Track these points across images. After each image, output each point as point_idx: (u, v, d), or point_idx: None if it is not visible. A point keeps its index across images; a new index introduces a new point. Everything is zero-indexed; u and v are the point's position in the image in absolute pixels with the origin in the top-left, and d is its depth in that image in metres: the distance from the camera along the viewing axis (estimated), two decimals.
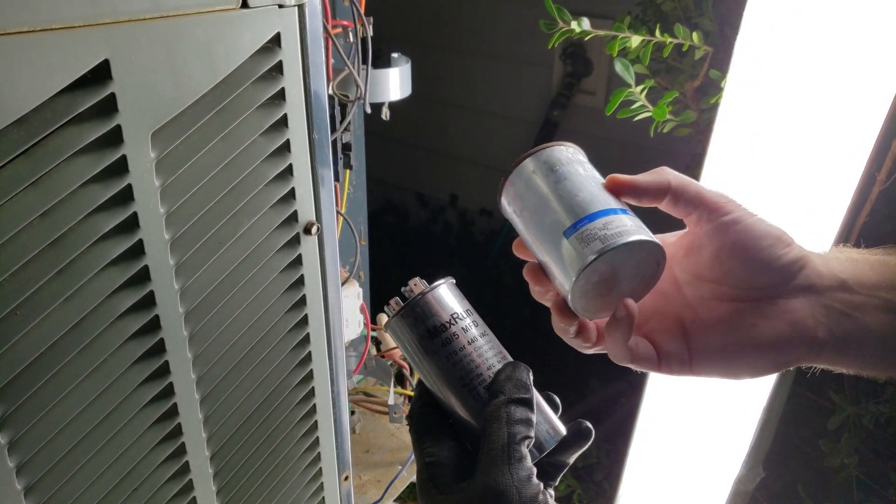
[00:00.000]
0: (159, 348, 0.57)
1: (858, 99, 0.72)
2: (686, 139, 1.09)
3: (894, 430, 0.92)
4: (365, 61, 0.84)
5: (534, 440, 0.45)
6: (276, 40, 0.57)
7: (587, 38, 0.92)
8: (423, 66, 0.98)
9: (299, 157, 0.63)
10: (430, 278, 0.52)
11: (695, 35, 0.93)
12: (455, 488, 0.44)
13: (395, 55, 0.96)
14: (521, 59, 2.34)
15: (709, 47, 0.94)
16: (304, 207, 0.65)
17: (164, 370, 0.58)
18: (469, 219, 2.73)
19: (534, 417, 0.45)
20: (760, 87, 0.81)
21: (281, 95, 0.59)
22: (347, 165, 0.90)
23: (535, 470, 0.43)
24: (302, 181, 0.64)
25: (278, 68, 0.58)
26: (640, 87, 0.92)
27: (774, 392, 0.97)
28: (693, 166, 1.32)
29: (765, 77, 0.80)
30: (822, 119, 0.76)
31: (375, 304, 1.23)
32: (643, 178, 0.46)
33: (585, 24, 0.93)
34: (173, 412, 0.61)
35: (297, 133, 0.62)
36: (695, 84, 1.00)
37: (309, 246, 0.67)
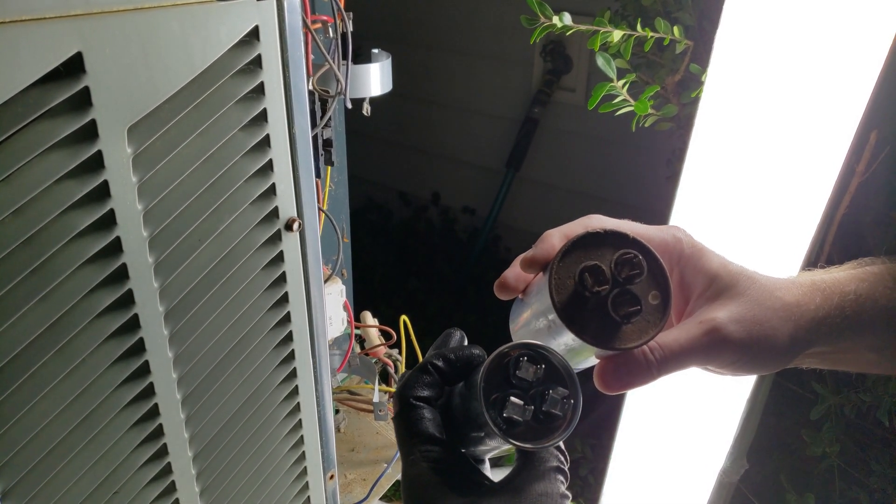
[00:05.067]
0: (139, 348, 0.56)
1: (838, 91, 0.72)
2: (666, 134, 1.10)
3: (875, 418, 0.93)
4: (345, 56, 0.84)
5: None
6: (254, 34, 0.56)
7: (568, 34, 0.92)
8: (404, 64, 0.97)
9: (279, 152, 0.62)
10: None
11: (675, 29, 0.93)
12: (475, 491, 0.41)
13: (375, 51, 0.95)
14: (502, 56, 2.34)
15: (689, 41, 0.94)
16: (285, 203, 0.65)
17: (145, 370, 0.57)
18: (452, 216, 2.73)
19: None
20: (741, 81, 0.81)
21: (260, 90, 0.58)
22: (329, 162, 0.89)
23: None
24: (282, 177, 0.63)
25: (257, 62, 0.57)
26: (621, 82, 0.92)
27: (757, 384, 0.98)
28: (674, 161, 1.33)
29: (745, 70, 0.80)
30: (802, 111, 0.76)
31: (359, 302, 1.22)
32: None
33: (567, 19, 0.93)
34: (154, 413, 0.59)
35: (277, 128, 0.61)
36: (675, 78, 1.01)
37: (290, 242, 0.66)
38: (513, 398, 0.39)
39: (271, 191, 0.63)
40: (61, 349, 0.51)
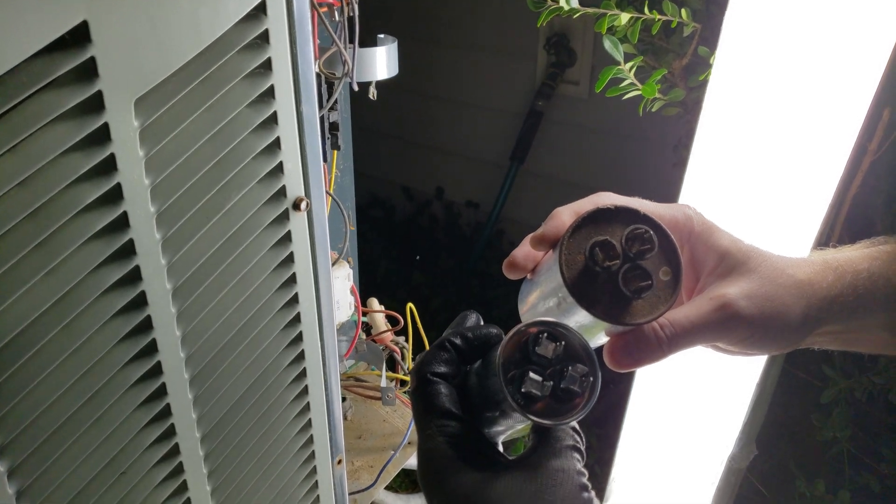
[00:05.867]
0: (146, 326, 0.56)
1: (850, 69, 0.72)
2: (671, 124, 1.09)
3: (886, 402, 0.92)
4: (352, 40, 0.83)
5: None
6: (261, 7, 0.55)
7: (576, 16, 0.91)
8: (407, 58, 0.96)
9: (287, 130, 0.61)
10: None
11: (683, 12, 0.92)
12: (491, 467, 0.40)
13: (381, 36, 0.94)
14: (505, 50, 2.33)
15: (697, 24, 0.94)
16: (293, 182, 0.64)
17: (152, 348, 0.57)
18: (455, 211, 2.72)
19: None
20: (750, 62, 0.81)
21: (267, 65, 0.58)
22: (335, 146, 0.88)
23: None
24: (290, 155, 0.63)
25: (264, 37, 0.57)
26: (628, 65, 0.91)
27: (766, 370, 0.97)
28: (681, 148, 1.32)
29: (754, 52, 0.80)
30: (813, 91, 0.75)
31: (363, 296, 1.21)
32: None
33: (574, 1, 0.92)
34: (162, 392, 0.59)
35: (285, 105, 0.61)
36: (683, 62, 1.00)
37: (298, 222, 0.66)
38: (531, 374, 0.39)
39: (279, 169, 0.62)
40: (68, 325, 0.51)
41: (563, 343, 0.40)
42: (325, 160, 0.87)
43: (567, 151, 2.34)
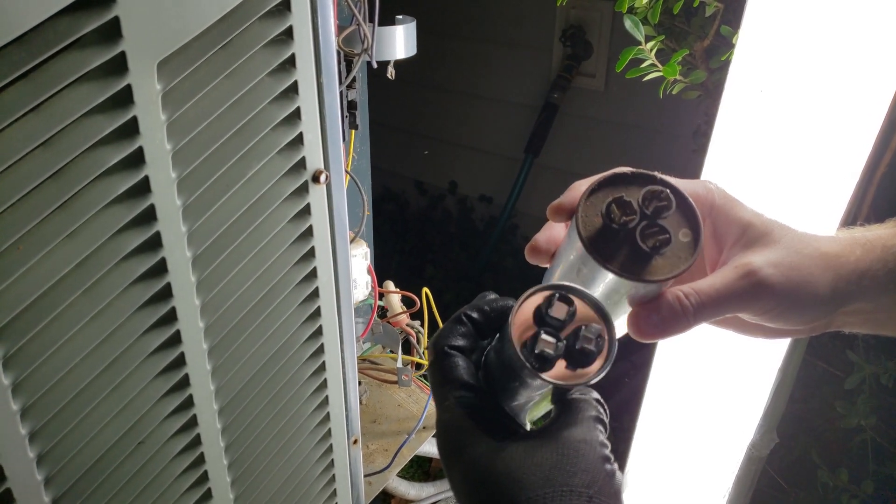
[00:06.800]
0: (166, 293, 0.55)
1: (877, 46, 0.70)
2: (688, 113, 1.08)
3: None
4: (371, 18, 0.83)
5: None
6: None
7: None
8: (421, 51, 0.96)
9: (307, 100, 0.61)
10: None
11: None
12: (510, 437, 0.40)
13: (399, 17, 0.94)
14: (521, 42, 2.32)
15: (719, 3, 0.92)
16: (313, 154, 0.63)
17: (171, 317, 0.56)
18: (469, 205, 2.71)
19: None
20: (774, 41, 0.79)
21: (289, 33, 0.57)
22: (353, 125, 0.88)
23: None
24: (310, 126, 0.62)
25: (286, 4, 0.56)
26: (649, 45, 0.90)
27: (787, 357, 0.95)
28: (700, 134, 1.31)
29: (778, 30, 0.78)
30: (839, 69, 0.74)
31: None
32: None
33: None
34: (181, 362, 0.59)
35: (305, 75, 0.60)
36: (704, 44, 0.98)
37: (317, 195, 0.65)
38: (544, 335, 0.38)
39: (299, 140, 0.62)
40: (88, 289, 0.51)
41: (575, 304, 0.40)
42: (343, 139, 0.87)
43: (582, 144, 2.32)
